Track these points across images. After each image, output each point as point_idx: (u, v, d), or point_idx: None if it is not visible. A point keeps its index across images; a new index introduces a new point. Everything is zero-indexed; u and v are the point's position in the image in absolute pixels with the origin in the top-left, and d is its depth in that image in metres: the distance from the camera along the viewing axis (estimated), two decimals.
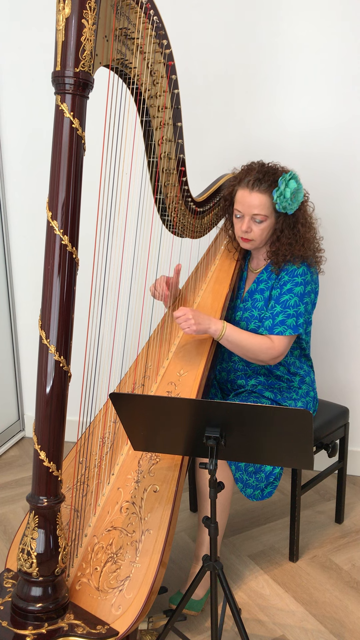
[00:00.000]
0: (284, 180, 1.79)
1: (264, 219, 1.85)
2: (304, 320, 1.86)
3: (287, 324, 1.83)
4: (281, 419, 1.29)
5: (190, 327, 1.75)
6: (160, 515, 1.54)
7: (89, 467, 1.75)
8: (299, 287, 1.85)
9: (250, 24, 2.38)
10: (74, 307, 1.40)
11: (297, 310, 1.84)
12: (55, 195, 1.35)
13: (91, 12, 1.29)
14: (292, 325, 1.84)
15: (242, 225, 1.87)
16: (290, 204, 1.81)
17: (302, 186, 1.84)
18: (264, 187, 1.82)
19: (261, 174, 1.83)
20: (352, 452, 2.56)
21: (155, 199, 1.79)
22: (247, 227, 1.86)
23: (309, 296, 1.87)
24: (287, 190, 1.78)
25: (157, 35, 1.56)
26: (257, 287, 1.96)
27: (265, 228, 1.86)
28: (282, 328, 1.83)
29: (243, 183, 1.85)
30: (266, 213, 1.83)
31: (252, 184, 1.82)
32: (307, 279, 1.86)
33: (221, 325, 1.80)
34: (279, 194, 1.79)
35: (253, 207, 1.83)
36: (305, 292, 1.86)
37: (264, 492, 1.83)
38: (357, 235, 2.47)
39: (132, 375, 1.92)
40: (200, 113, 2.49)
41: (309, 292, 1.87)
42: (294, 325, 1.84)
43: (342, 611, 1.84)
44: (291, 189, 1.79)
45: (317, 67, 2.35)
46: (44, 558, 1.41)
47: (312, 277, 1.88)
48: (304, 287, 1.86)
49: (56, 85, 1.33)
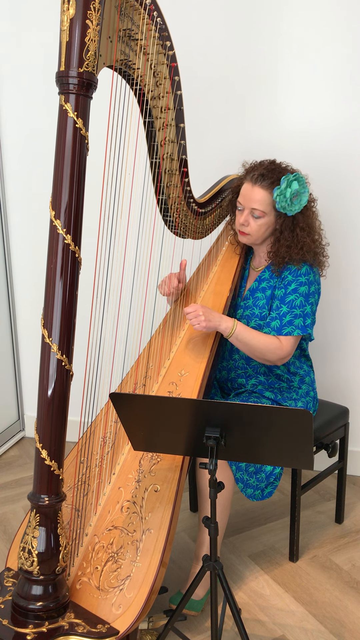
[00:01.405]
0: (287, 179, 1.80)
1: (262, 215, 1.85)
2: (312, 321, 1.87)
3: (295, 324, 1.84)
4: (281, 419, 1.30)
5: (201, 324, 1.76)
6: (161, 514, 1.54)
7: (90, 467, 1.75)
8: (304, 287, 1.86)
9: (251, 24, 2.38)
10: (76, 307, 1.41)
11: (304, 311, 1.85)
12: (59, 194, 1.36)
13: (95, 12, 1.30)
14: (300, 326, 1.85)
15: (241, 217, 1.88)
16: (289, 204, 1.81)
17: (307, 190, 1.83)
18: (267, 183, 1.82)
19: (267, 170, 1.84)
20: (352, 452, 2.56)
21: (158, 200, 1.79)
22: (245, 220, 1.87)
23: (313, 296, 1.88)
24: (287, 190, 1.79)
25: (161, 36, 1.57)
26: (258, 285, 1.97)
27: (262, 224, 1.87)
28: (291, 328, 1.84)
29: (248, 176, 1.87)
30: (264, 209, 1.84)
31: (256, 179, 1.84)
32: (310, 278, 1.87)
33: (232, 323, 1.80)
34: (279, 192, 1.80)
35: (253, 201, 1.84)
36: (310, 292, 1.86)
37: (265, 492, 1.84)
38: (358, 235, 2.48)
39: (133, 375, 1.92)
40: (201, 113, 2.49)
41: (313, 292, 1.88)
42: (302, 325, 1.85)
43: (342, 611, 1.84)
44: (292, 189, 1.79)
45: (316, 67, 2.36)
46: (45, 557, 1.41)
47: (314, 277, 1.89)
48: (309, 287, 1.86)
49: (60, 85, 1.33)
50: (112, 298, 1.74)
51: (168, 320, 2.01)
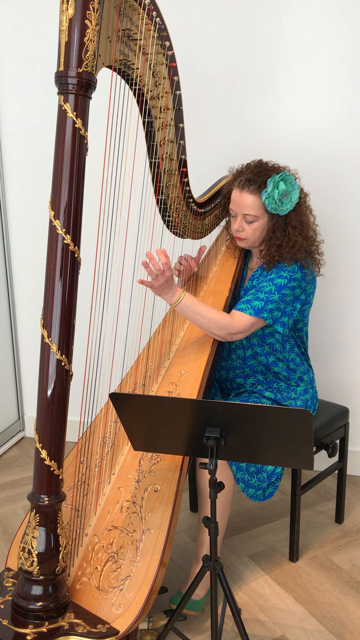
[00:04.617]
0: (273, 181, 1.78)
1: (255, 219, 1.85)
2: (275, 308, 1.81)
3: (251, 304, 1.81)
4: (281, 419, 1.30)
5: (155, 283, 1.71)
6: (161, 514, 1.54)
7: (90, 467, 1.75)
8: (281, 279, 1.83)
9: (251, 24, 2.39)
10: (75, 307, 1.41)
11: (269, 297, 1.81)
12: (58, 194, 1.36)
13: (94, 13, 1.30)
14: (257, 308, 1.80)
15: (234, 224, 1.88)
16: (279, 205, 1.80)
17: (296, 187, 1.81)
18: (254, 187, 1.81)
19: (253, 174, 1.83)
20: (352, 452, 2.56)
21: (157, 200, 1.80)
22: (239, 226, 1.87)
23: (290, 290, 1.83)
24: (275, 192, 1.78)
25: (160, 36, 1.57)
26: (251, 284, 1.97)
27: (257, 228, 1.87)
28: (245, 306, 1.81)
29: (236, 182, 1.86)
30: (256, 213, 1.84)
31: (243, 184, 1.83)
32: (294, 275, 1.84)
33: (179, 294, 1.77)
34: (267, 195, 1.78)
35: (243, 207, 1.84)
36: (285, 285, 1.82)
37: (266, 492, 1.84)
38: (357, 234, 2.48)
39: (133, 375, 1.92)
40: (200, 113, 2.49)
41: (293, 287, 1.83)
42: (259, 308, 1.80)
43: (342, 611, 1.84)
44: (280, 190, 1.77)
45: (316, 66, 2.36)
46: (45, 557, 1.41)
47: (302, 277, 1.85)
48: (287, 281, 1.83)
49: (59, 85, 1.33)
50: (112, 298, 1.74)
51: (168, 320, 2.02)
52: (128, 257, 1.77)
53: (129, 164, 1.59)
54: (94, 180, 1.52)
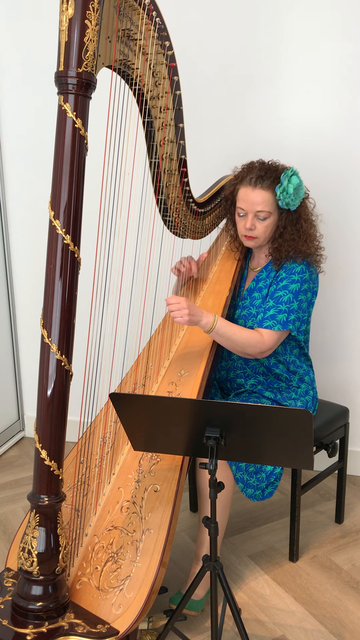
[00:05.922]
0: (287, 176, 1.80)
1: (268, 216, 1.85)
2: (296, 318, 1.85)
3: (277, 319, 1.83)
4: (281, 419, 1.30)
5: (183, 317, 1.72)
6: (161, 514, 1.54)
7: (90, 467, 1.75)
8: (295, 284, 1.85)
9: (251, 24, 2.39)
10: (75, 307, 1.41)
11: (290, 307, 1.84)
12: (58, 194, 1.35)
13: (94, 13, 1.30)
14: (282, 321, 1.83)
15: (245, 222, 1.88)
16: (293, 199, 1.82)
17: (302, 182, 1.85)
18: (267, 184, 1.83)
19: (263, 172, 1.85)
20: (352, 452, 2.56)
21: (157, 200, 1.79)
22: (251, 224, 1.87)
23: (304, 294, 1.86)
24: (289, 186, 1.80)
25: (160, 36, 1.57)
26: (256, 285, 1.97)
27: (269, 225, 1.87)
28: (272, 322, 1.83)
29: (245, 181, 1.86)
30: (269, 210, 1.85)
31: (255, 181, 1.84)
32: (304, 277, 1.86)
33: (212, 319, 1.77)
34: (282, 189, 1.80)
35: (256, 204, 1.84)
36: (300, 289, 1.85)
37: (265, 492, 1.84)
38: (358, 233, 2.48)
39: (133, 375, 1.92)
40: (201, 113, 2.49)
41: (305, 290, 1.87)
42: (284, 321, 1.83)
43: (342, 611, 1.84)
44: (294, 184, 1.80)
45: (316, 66, 2.36)
46: (45, 557, 1.41)
47: (310, 276, 1.88)
48: (300, 284, 1.85)
49: (59, 85, 1.33)
50: (112, 298, 1.74)
51: (168, 320, 2.01)
52: (128, 257, 1.77)
53: (129, 164, 1.59)
54: (93, 180, 1.52)
